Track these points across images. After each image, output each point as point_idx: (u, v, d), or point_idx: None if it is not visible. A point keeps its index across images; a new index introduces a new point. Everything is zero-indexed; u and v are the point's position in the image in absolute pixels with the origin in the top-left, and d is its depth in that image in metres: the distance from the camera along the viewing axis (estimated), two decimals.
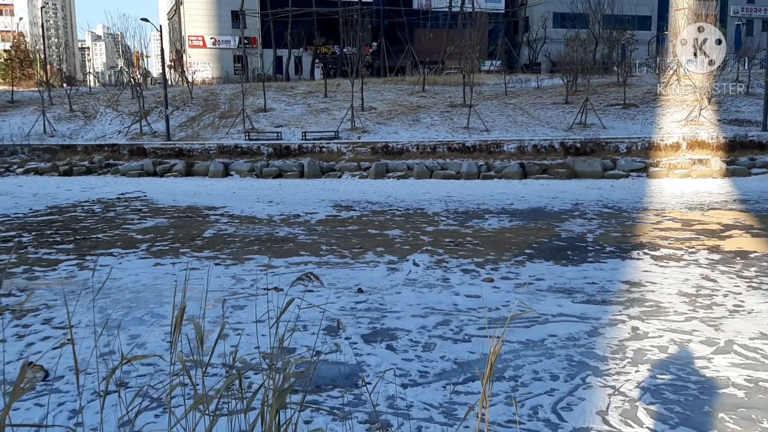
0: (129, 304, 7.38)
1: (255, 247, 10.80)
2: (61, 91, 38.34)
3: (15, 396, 1.93)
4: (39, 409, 4.73)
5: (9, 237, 11.78)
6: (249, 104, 32.69)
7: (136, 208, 15.51)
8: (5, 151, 25.97)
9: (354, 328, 6.53)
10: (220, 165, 24.02)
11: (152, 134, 29.78)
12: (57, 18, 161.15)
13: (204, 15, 58.59)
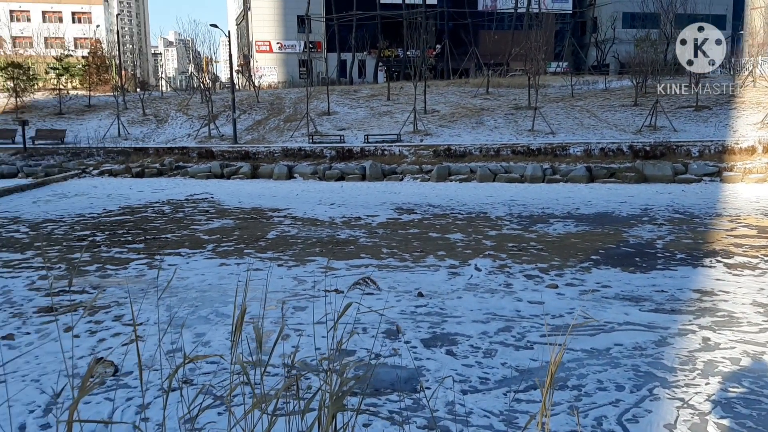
0: (195, 303, 7.56)
1: (316, 249, 10.90)
2: (135, 95, 39.78)
3: (83, 392, 1.99)
4: (108, 403, 4.89)
5: (84, 236, 12.27)
6: (313, 108, 33.12)
7: (204, 209, 15.92)
8: (82, 154, 27.12)
9: (414, 332, 6.50)
10: (284, 168, 24.41)
11: (220, 137, 30.54)
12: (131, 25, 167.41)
13: (270, 20, 59.74)
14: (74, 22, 70.91)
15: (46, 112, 35.22)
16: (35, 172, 24.86)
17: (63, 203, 17.05)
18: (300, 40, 59.30)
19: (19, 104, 35.64)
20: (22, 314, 7.21)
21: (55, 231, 12.82)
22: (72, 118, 34.22)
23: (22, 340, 6.36)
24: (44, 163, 25.99)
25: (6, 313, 7.26)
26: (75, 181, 23.30)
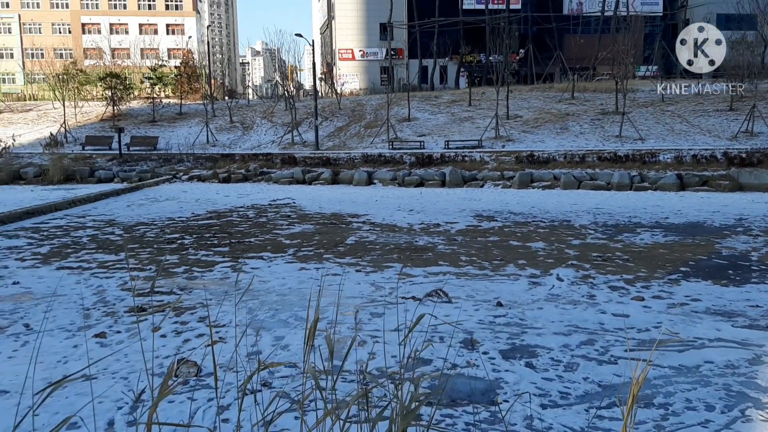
0: (275, 307, 7.71)
1: (394, 255, 10.91)
2: (223, 103, 41.19)
3: (161, 396, 2.03)
4: (191, 403, 5.03)
5: (173, 239, 12.77)
6: (393, 114, 33.30)
7: (286, 214, 16.26)
8: (173, 159, 28.29)
9: (492, 342, 6.38)
10: (364, 174, 24.64)
11: (302, 144, 31.16)
12: (221, 36, 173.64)
13: (353, 28, 60.59)
14: (168, 34, 74.22)
15: (140, 120, 36.98)
16: (130, 177, 26.12)
17: (155, 207, 17.82)
18: (382, 47, 59.82)
19: (116, 112, 37.58)
20: (114, 313, 7.54)
21: (147, 234, 13.40)
22: (164, 126, 35.78)
23: (113, 338, 6.65)
24: (138, 168, 27.27)
25: (99, 312, 7.62)
26: (166, 185, 24.31)
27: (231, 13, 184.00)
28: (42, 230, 13.93)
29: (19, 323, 7.16)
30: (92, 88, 43.05)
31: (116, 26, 74.13)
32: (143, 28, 73.95)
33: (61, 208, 17.27)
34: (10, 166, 26.91)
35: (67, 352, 6.17)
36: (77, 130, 34.86)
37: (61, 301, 8.07)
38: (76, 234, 13.42)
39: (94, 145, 31.67)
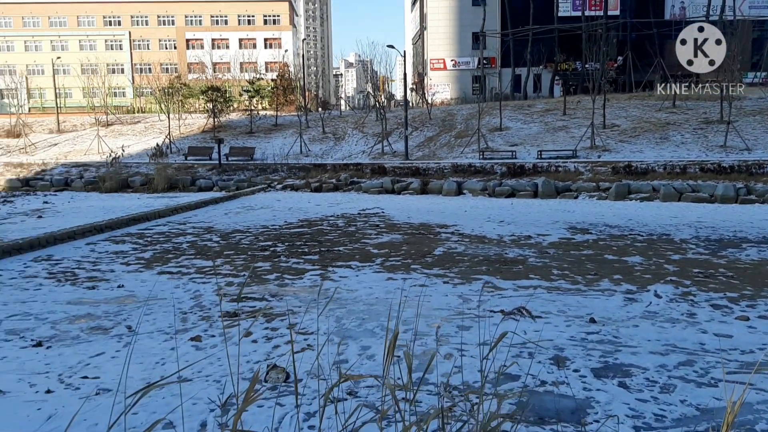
0: (362, 316, 7.77)
1: (483, 267, 10.77)
2: (316, 114, 42.17)
3: (246, 403, 2.07)
4: (279, 408, 5.14)
5: (266, 246, 13.14)
6: (485, 123, 33.00)
7: (374, 223, 16.40)
8: (268, 169, 29.19)
9: (583, 360, 6.16)
10: (454, 184, 24.52)
11: (392, 154, 31.40)
12: (316, 48, 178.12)
13: (446, 38, 60.64)
14: (266, 48, 76.88)
15: (238, 131, 38.40)
16: (228, 186, 27.15)
17: (250, 215, 18.42)
18: (474, 56, 59.51)
19: (217, 124, 39.19)
20: (210, 318, 7.83)
21: (242, 241, 13.86)
22: (260, 137, 36.99)
23: (208, 342, 6.90)
24: (236, 177, 28.31)
25: (196, 316, 7.94)
26: (261, 194, 25.09)
27: (326, 27, 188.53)
28: (146, 236, 14.69)
29: (122, 325, 7.56)
30: (195, 101, 45.11)
31: (218, 41, 77.50)
32: (243, 42, 76.93)
33: (164, 216, 18.15)
34: (119, 175, 28.57)
35: (164, 354, 6.45)
36: (181, 141, 36.60)
37: (161, 304, 8.45)
38: (177, 240, 14.06)
39: (196, 155, 33.14)
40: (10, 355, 6.47)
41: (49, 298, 8.89)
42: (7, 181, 29.60)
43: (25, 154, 35.94)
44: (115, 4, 78.85)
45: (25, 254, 12.40)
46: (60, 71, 58.32)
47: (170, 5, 78.85)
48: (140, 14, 78.65)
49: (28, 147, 37.28)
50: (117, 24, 78.43)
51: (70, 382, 5.69)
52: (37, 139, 38.84)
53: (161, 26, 78.73)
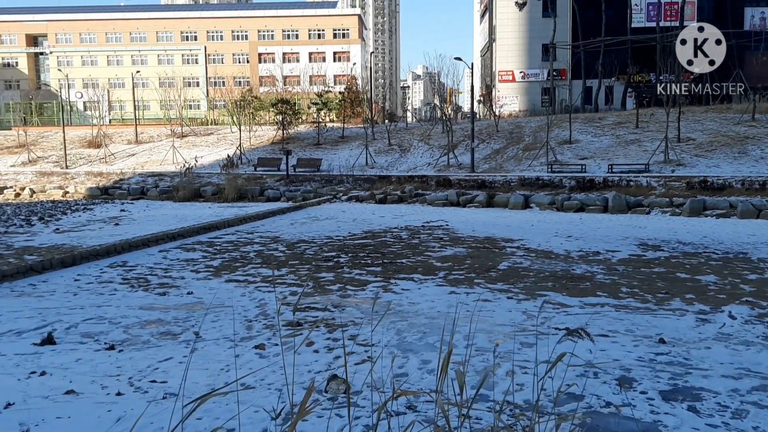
0: (423, 330, 7.73)
1: (549, 283, 10.56)
2: (383, 126, 42.45)
3: (301, 414, 2.09)
4: (337, 419, 5.16)
5: (330, 257, 13.28)
6: (553, 136, 32.47)
7: (438, 236, 16.33)
8: (334, 180, 29.54)
9: (651, 382, 5.94)
10: (520, 197, 24.19)
11: (458, 166, 31.26)
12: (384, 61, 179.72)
13: (515, 50, 60.11)
14: (335, 61, 78.05)
15: (306, 143, 39.07)
16: (295, 196, 27.62)
17: (315, 226, 18.66)
18: (544, 68, 58.75)
19: (285, 136, 39.99)
20: (274, 326, 7.95)
21: (307, 251, 14.05)
22: (327, 148, 37.51)
23: (271, 350, 7.00)
24: (302, 188, 28.77)
25: (261, 324, 8.08)
26: (327, 205, 25.40)
27: (394, 40, 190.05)
28: (215, 244, 15.09)
29: (190, 331, 7.77)
30: (265, 114, 46.18)
31: (288, 55, 79.22)
32: (312, 56, 78.36)
33: (233, 225, 18.61)
34: (191, 185, 29.49)
35: (229, 361, 6.59)
36: (251, 152, 37.51)
37: (228, 312, 8.65)
38: (245, 249, 14.38)
39: (265, 166, 33.89)
40: (84, 357, 6.74)
41: (123, 303, 9.23)
42: (88, 189, 30.99)
43: (104, 164, 37.57)
44: (193, 20, 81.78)
45: (102, 260, 12.94)
46: (139, 84, 60.87)
47: (244, 21, 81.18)
48: (216, 30, 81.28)
49: (107, 157, 38.97)
50: (194, 39, 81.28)
51: (139, 386, 5.89)
52: (116, 150, 40.56)
53: (235, 41, 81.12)
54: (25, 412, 5.22)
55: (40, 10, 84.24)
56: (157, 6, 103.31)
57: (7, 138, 44.46)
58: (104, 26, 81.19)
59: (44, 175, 34.41)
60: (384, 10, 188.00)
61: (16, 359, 6.65)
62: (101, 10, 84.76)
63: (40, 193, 31.08)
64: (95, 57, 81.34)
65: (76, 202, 27.36)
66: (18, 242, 15.13)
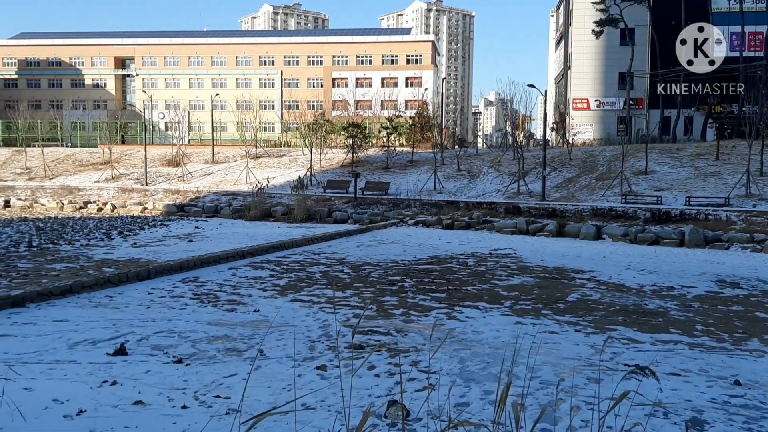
0: (487, 359, 7.61)
1: (620, 317, 10.22)
2: (452, 152, 42.41)
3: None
4: None
5: (394, 281, 13.28)
6: (628, 166, 31.65)
7: (505, 264, 16.10)
8: (401, 204, 29.64)
9: (724, 425, 5.64)
10: (592, 227, 23.61)
11: (528, 194, 30.84)
12: (456, 87, 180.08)
13: (590, 78, 59.16)
14: (407, 86, 78.70)
15: (375, 166, 39.42)
16: (361, 219, 27.84)
17: (381, 249, 18.73)
18: (620, 96, 57.52)
19: (355, 159, 40.49)
20: (336, 348, 8.00)
21: (372, 274, 14.10)
22: (395, 172, 37.73)
23: (332, 372, 7.04)
24: (369, 211, 28.98)
25: (323, 345, 8.14)
26: (393, 229, 25.48)
27: (467, 66, 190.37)
28: (283, 264, 15.35)
29: (255, 348, 7.90)
30: (336, 137, 46.94)
31: (361, 80, 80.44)
32: (385, 81, 79.30)
33: (301, 245, 18.91)
34: (263, 205, 30.19)
35: (291, 380, 6.65)
36: (320, 175, 38.15)
37: (292, 331, 8.75)
38: (311, 269, 14.57)
39: (334, 188, 34.37)
40: (153, 369, 6.95)
41: (192, 318, 9.49)
42: (165, 206, 32.17)
43: (182, 182, 38.95)
44: (271, 45, 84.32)
45: (175, 275, 13.36)
46: (218, 107, 63.03)
47: (320, 46, 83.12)
48: (292, 55, 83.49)
49: (185, 175, 40.40)
50: (271, 63, 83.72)
51: (203, 400, 6.01)
52: (193, 169, 42.01)
53: (310, 66, 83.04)
54: (96, 419, 5.41)
55: (128, 35, 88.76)
56: (238, 31, 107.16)
57: (93, 155, 46.74)
58: (187, 50, 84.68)
59: (125, 191, 35.95)
60: (458, 37, 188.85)
61: (90, 368, 6.92)
62: (185, 35, 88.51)
63: (120, 208, 32.46)
64: (178, 79, 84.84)
65: (153, 218, 28.42)
66: (98, 255, 15.81)
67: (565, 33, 66.65)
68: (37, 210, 32.54)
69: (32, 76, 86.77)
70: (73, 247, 17.18)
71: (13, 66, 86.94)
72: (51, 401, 5.78)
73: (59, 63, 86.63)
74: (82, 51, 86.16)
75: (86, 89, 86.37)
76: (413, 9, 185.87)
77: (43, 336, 8.24)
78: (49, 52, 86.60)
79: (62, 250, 16.66)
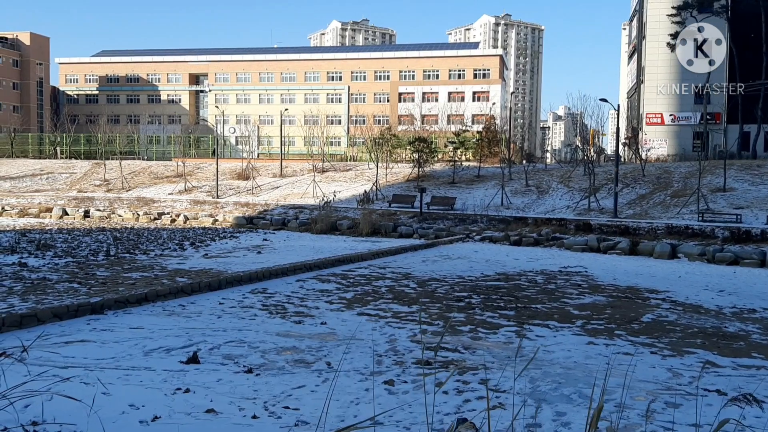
0: (558, 380, 7.40)
1: (698, 340, 9.78)
2: (520, 167, 41.86)
3: None
4: None
5: (461, 297, 13.13)
6: (705, 183, 30.48)
7: (576, 282, 15.69)
8: (467, 220, 29.39)
9: None
10: (667, 246, 22.79)
11: (599, 210, 30.07)
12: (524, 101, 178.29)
13: (664, 92, 57.47)
14: (474, 101, 78.40)
15: (441, 181, 39.29)
16: (427, 233, 27.72)
17: (447, 264, 18.59)
18: (696, 111, 55.65)
19: (420, 173, 40.47)
20: (403, 363, 7.95)
21: (438, 290, 13.99)
22: (462, 187, 37.49)
23: (400, 387, 6.99)
24: (435, 226, 28.84)
25: (390, 360, 8.10)
26: (459, 244, 25.27)
27: (536, 80, 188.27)
28: (349, 277, 15.42)
29: (323, 360, 7.93)
30: (402, 151, 47.09)
31: (428, 95, 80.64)
32: (451, 95, 79.22)
33: (366, 259, 18.96)
34: (329, 218, 30.49)
35: (359, 394, 6.64)
36: (386, 189, 38.29)
37: (358, 344, 8.76)
38: (377, 283, 14.58)
39: (399, 203, 34.41)
40: (225, 378, 7.06)
41: (262, 329, 9.62)
42: (235, 218, 32.92)
43: (251, 195, 39.83)
44: (338, 61, 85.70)
45: (245, 285, 13.61)
46: (286, 121, 64.30)
47: (387, 61, 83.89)
48: (359, 70, 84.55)
49: (254, 189, 41.30)
50: (338, 79, 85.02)
51: (273, 410, 6.06)
52: (262, 182, 42.91)
53: (377, 81, 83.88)
54: (171, 426, 5.52)
55: (202, 52, 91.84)
56: (306, 48, 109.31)
57: (168, 168, 48.39)
58: (258, 66, 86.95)
59: (197, 204, 37.01)
60: (526, 51, 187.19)
61: (164, 375, 7.09)
62: (256, 51, 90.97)
63: (192, 219, 33.42)
64: (248, 95, 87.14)
65: (224, 230, 29.13)
66: (171, 264, 16.29)
67: (638, 46, 65.04)
68: (115, 220, 33.88)
69: (112, 92, 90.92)
70: (148, 257, 17.77)
71: (95, 82, 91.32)
72: (128, 406, 5.95)
73: (137, 79, 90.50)
74: (158, 68, 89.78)
75: (162, 104, 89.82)
76: (481, 23, 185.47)
77: (120, 342, 8.51)
78: (128, 69, 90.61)
79: (138, 259, 17.25)
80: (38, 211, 35.95)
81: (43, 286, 12.49)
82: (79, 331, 9.10)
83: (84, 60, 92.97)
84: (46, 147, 60.60)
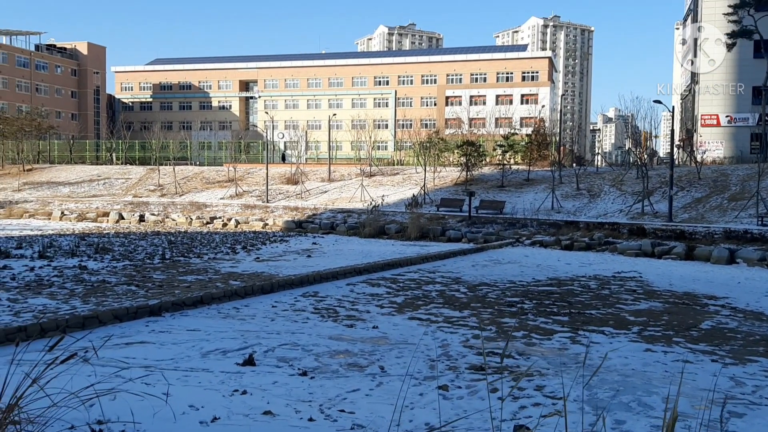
0: (616, 387, 7.25)
1: (761, 348, 9.46)
2: (570, 170, 41.20)
3: None
4: None
5: (513, 302, 13.00)
6: (765, 186, 29.46)
7: (631, 288, 15.36)
8: (517, 224, 29.08)
9: None
10: (725, 251, 22.11)
11: (653, 214, 29.39)
12: (574, 104, 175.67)
13: (720, 93, 55.83)
14: (522, 104, 77.68)
15: (489, 185, 38.98)
16: (476, 238, 27.54)
17: (497, 269, 18.42)
18: (754, 112, 53.89)
19: (468, 177, 40.23)
20: (456, 368, 7.91)
21: (489, 294, 13.88)
22: (511, 191, 37.12)
23: (454, 392, 6.96)
24: (484, 230, 28.63)
25: (443, 365, 8.07)
26: (509, 249, 25.02)
27: (585, 82, 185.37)
28: (399, 281, 15.43)
29: (376, 365, 7.95)
30: (450, 155, 46.87)
31: (475, 98, 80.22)
32: (500, 98, 78.66)
33: (415, 263, 18.94)
34: (377, 222, 30.58)
35: (413, 399, 6.64)
36: (434, 193, 38.18)
37: (411, 349, 8.76)
38: (427, 288, 14.55)
39: (447, 206, 34.27)
40: (280, 380, 7.15)
41: (314, 332, 9.71)
42: (285, 222, 33.32)
43: (300, 199, 40.25)
44: (385, 65, 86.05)
45: (296, 289, 13.76)
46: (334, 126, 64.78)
47: (434, 65, 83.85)
48: (406, 74, 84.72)
49: (303, 193, 41.72)
50: (385, 84, 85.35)
51: (329, 414, 6.11)
52: (310, 186, 43.32)
53: (424, 85, 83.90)
54: (229, 427, 5.62)
55: (251, 59, 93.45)
56: (354, 53, 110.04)
57: (219, 173, 49.29)
58: (306, 72, 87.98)
59: (248, 208, 37.60)
60: (576, 53, 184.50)
61: (221, 376, 7.23)
62: (304, 57, 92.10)
63: (243, 224, 33.95)
64: (297, 101, 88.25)
65: (274, 234, 29.51)
66: (224, 268, 16.59)
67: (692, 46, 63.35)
68: (169, 225, 34.67)
69: (165, 99, 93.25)
70: (202, 261, 18.13)
71: (149, 90, 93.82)
72: (188, 407, 6.07)
73: (189, 87, 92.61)
74: (209, 75, 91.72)
75: (213, 111, 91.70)
76: (529, 25, 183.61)
77: (178, 344, 8.70)
78: (180, 77, 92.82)
79: (192, 262, 17.61)
80: (96, 215, 37.06)
81: (102, 288, 12.87)
82: (138, 333, 9.35)
83: (138, 68, 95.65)
84: (103, 153, 62.44)
